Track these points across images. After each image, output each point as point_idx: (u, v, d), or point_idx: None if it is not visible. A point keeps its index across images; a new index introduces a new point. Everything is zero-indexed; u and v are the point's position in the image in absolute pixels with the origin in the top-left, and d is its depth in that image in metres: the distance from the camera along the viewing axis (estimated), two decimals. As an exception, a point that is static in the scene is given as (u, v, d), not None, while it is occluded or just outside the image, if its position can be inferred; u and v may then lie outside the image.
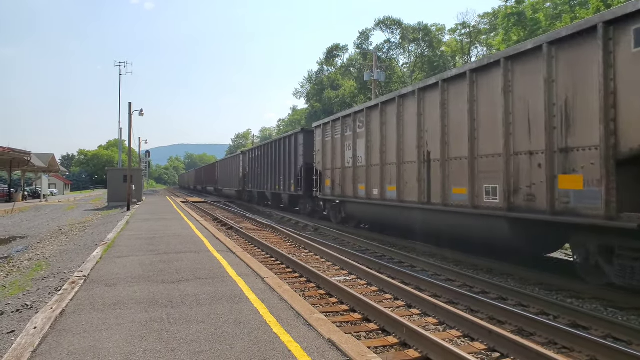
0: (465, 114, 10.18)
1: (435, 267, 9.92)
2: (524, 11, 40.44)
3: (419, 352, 5.18)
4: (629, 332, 5.73)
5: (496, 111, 9.31)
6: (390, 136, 13.47)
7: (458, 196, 10.37)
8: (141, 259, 9.51)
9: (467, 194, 10.00)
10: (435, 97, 11.28)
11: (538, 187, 8.29)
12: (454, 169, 10.60)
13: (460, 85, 10.41)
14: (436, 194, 11.16)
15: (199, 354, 4.32)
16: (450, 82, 10.81)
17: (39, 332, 4.89)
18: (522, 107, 8.73)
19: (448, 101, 10.86)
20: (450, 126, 10.79)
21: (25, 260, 12.50)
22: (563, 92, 7.88)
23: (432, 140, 11.44)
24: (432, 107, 11.46)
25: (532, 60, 8.49)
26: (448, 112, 10.86)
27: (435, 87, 11.31)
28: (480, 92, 9.84)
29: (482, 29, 55.78)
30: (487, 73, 9.64)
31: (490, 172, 9.48)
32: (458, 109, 10.50)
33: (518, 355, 4.97)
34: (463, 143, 10.25)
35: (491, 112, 9.50)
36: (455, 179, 10.53)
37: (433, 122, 11.37)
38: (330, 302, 7.42)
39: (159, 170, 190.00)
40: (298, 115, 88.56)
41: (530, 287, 8.31)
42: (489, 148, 9.56)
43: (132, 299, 6.27)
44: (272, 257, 11.47)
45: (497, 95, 9.27)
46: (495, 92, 9.37)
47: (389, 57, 61.79)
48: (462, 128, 10.26)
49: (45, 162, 47.97)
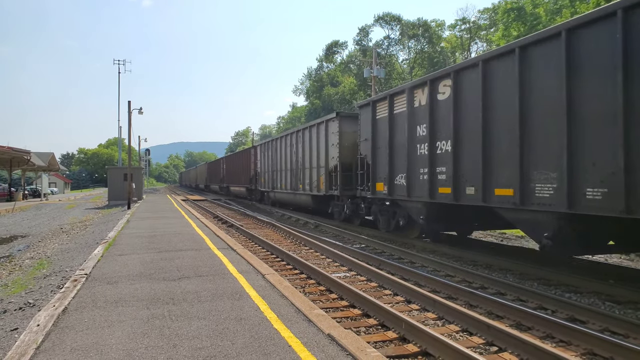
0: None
1: (435, 262, 9.97)
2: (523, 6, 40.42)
3: (418, 347, 5.23)
4: (626, 325, 5.77)
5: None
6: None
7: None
8: (142, 256, 9.56)
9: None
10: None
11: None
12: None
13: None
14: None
15: (200, 349, 4.37)
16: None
17: (42, 329, 4.95)
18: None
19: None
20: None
21: (27, 259, 12.56)
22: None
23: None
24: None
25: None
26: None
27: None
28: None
29: (482, 25, 55.75)
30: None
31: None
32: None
33: (515, 349, 5.02)
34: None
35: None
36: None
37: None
38: (330, 298, 7.47)
39: (159, 168, 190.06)
40: (298, 112, 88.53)
41: (529, 282, 8.36)
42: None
43: (133, 296, 6.32)
44: (273, 254, 11.53)
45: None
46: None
47: (389, 54, 61.77)
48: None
49: (45, 161, 48.05)
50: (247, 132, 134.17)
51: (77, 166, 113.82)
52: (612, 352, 4.95)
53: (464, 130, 10.14)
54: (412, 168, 12.04)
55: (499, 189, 9.06)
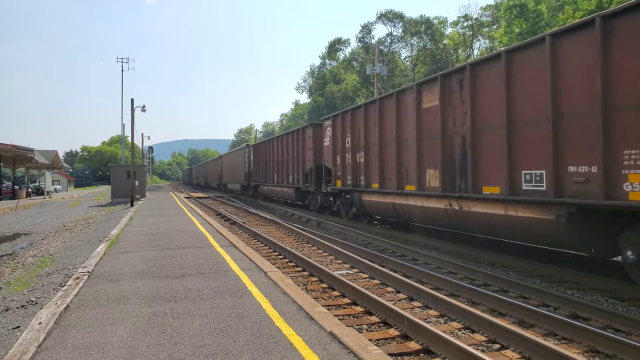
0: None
1: (437, 260, 9.95)
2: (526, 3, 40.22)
3: (419, 344, 5.22)
4: (628, 322, 5.75)
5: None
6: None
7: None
8: (145, 254, 9.58)
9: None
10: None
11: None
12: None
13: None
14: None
15: (202, 347, 4.37)
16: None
17: (44, 327, 4.96)
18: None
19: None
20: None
21: (30, 257, 12.60)
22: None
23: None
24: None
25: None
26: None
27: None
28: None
29: (485, 22, 55.55)
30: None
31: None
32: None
33: (518, 347, 5.01)
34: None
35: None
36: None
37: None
38: (332, 296, 7.47)
39: (162, 165, 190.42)
40: (301, 109, 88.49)
41: (532, 279, 8.33)
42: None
43: (135, 294, 6.33)
44: (275, 252, 11.53)
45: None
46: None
47: (391, 51, 61.64)
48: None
49: (48, 158, 48.21)
50: (250, 129, 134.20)
51: (80, 164, 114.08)
52: (615, 349, 4.93)
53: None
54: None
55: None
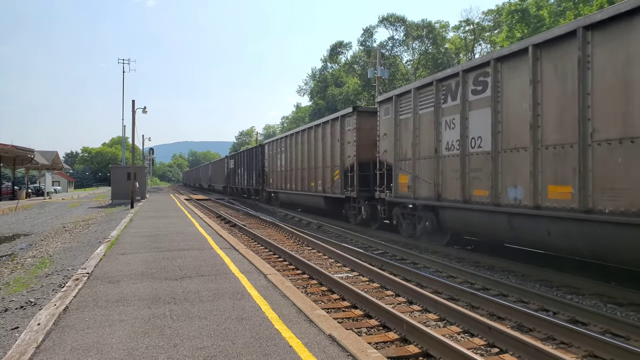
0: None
1: (437, 264, 9.95)
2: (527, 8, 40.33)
3: (419, 348, 5.23)
4: (627, 327, 5.76)
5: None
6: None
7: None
8: (144, 256, 9.58)
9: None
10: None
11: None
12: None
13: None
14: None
15: (201, 349, 4.38)
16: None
17: (43, 328, 4.96)
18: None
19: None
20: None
21: (29, 258, 12.61)
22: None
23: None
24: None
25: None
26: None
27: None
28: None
29: (486, 26, 55.64)
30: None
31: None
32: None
33: (517, 351, 5.01)
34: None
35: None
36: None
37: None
38: (331, 299, 7.47)
39: (163, 167, 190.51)
40: (302, 112, 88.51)
41: (531, 284, 8.33)
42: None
43: (135, 296, 6.33)
44: (275, 254, 11.53)
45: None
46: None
47: (393, 54, 61.69)
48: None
49: (48, 159, 48.24)
50: (251, 132, 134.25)
51: (80, 165, 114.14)
52: (613, 354, 4.93)
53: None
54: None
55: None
